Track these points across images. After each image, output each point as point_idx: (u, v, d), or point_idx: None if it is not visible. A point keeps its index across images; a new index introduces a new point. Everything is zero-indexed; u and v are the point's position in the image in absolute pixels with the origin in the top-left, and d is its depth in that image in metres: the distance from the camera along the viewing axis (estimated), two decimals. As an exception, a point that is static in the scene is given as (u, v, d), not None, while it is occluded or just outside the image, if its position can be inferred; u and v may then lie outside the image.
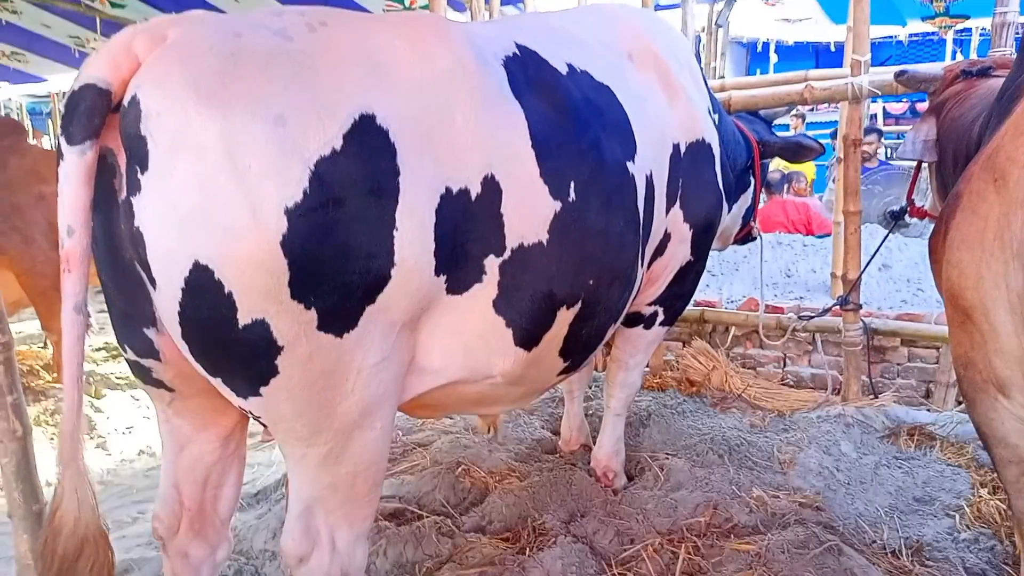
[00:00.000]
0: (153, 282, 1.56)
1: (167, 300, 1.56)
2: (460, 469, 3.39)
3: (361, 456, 1.86)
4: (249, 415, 1.82)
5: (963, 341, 2.00)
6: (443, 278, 1.84)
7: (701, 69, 3.25)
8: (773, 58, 12.21)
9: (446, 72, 1.83)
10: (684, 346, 5.22)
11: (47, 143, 13.13)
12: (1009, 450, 2.00)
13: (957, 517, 2.94)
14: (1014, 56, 2.51)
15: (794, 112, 7.68)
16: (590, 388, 4.51)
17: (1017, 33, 3.87)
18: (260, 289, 1.53)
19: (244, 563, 2.85)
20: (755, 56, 13.21)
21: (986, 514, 2.94)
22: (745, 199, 3.70)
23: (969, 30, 10.83)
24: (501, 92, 1.98)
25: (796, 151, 3.67)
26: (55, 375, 5.56)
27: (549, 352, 2.25)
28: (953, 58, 10.99)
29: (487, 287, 1.95)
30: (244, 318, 1.55)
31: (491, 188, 1.89)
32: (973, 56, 10.41)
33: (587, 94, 2.29)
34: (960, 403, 4.29)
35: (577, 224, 2.11)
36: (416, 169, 1.71)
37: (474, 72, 1.90)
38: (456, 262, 1.86)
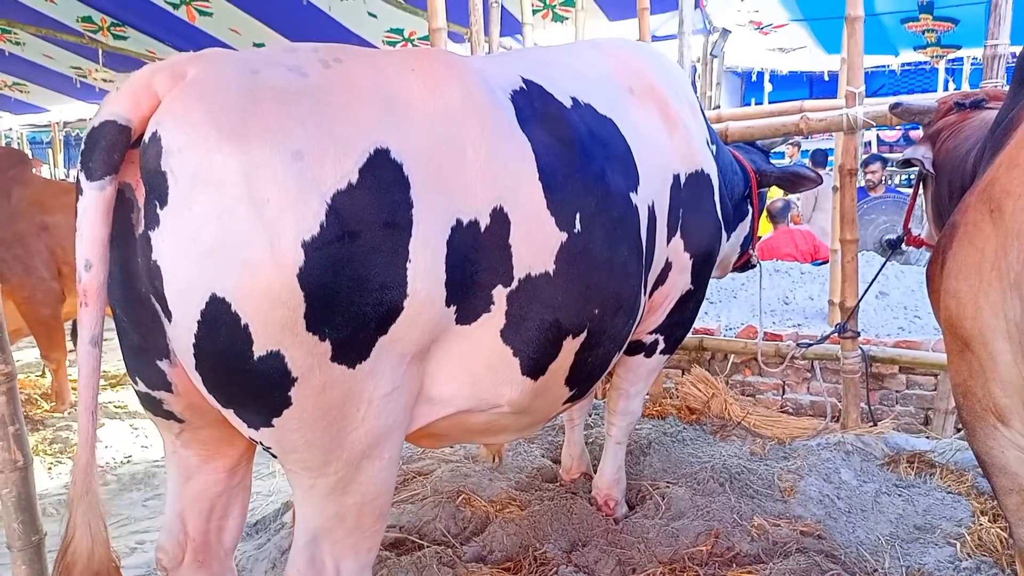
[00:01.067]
0: (169, 315, 1.58)
1: (182, 332, 1.58)
2: (461, 498, 3.38)
3: (369, 486, 1.87)
4: (259, 445, 1.82)
5: (962, 370, 2.01)
6: (453, 308, 1.86)
7: (699, 101, 3.29)
8: (768, 87, 12.33)
9: (457, 106, 1.87)
10: (683, 374, 5.23)
11: (47, 172, 13.17)
12: (1009, 478, 2.01)
13: (958, 545, 2.94)
14: (1006, 88, 2.55)
15: (790, 140, 7.75)
16: (590, 416, 4.51)
17: (1008, 64, 3.93)
18: (276, 321, 1.55)
19: (244, 594, 2.83)
20: (750, 85, 13.34)
21: (987, 542, 2.93)
22: (743, 228, 3.72)
23: (960, 59, 10.96)
24: (510, 126, 2.02)
25: (794, 181, 3.70)
26: (53, 404, 5.55)
27: (555, 381, 2.26)
28: (945, 87, 11.15)
29: (495, 317, 1.97)
30: (260, 350, 1.57)
31: (500, 219, 1.92)
32: (965, 85, 10.56)
33: (591, 126, 2.33)
34: (959, 430, 4.29)
35: (583, 254, 2.14)
36: (429, 202, 1.74)
37: (484, 106, 1.94)
38: (466, 293, 1.88)
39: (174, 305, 1.56)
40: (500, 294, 1.96)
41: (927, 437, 4.23)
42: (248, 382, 1.62)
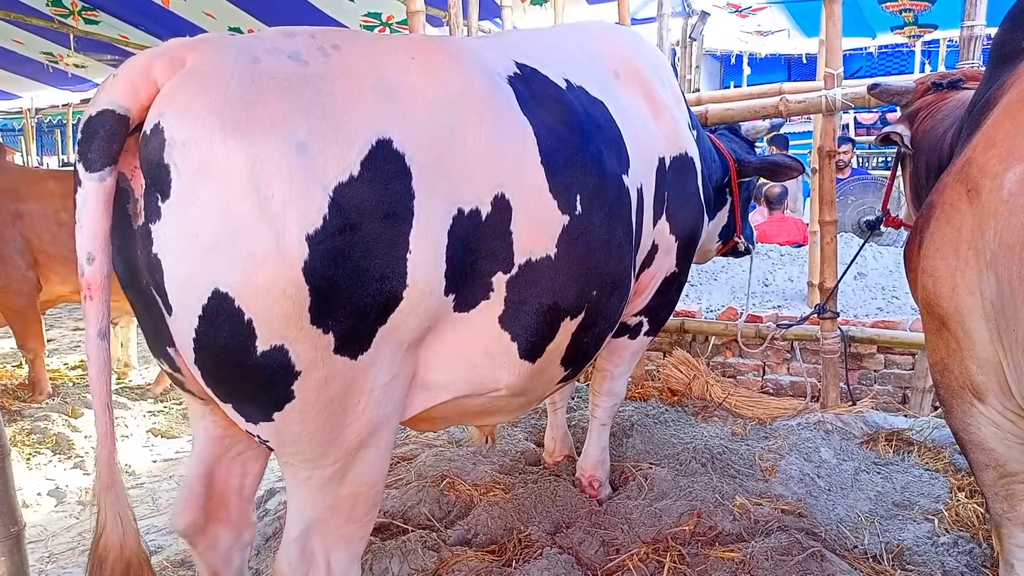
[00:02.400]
0: (169, 308, 1.56)
1: (183, 327, 1.56)
2: (445, 482, 3.39)
3: (364, 476, 1.87)
4: (256, 439, 1.80)
5: (939, 348, 2.04)
6: (451, 297, 1.84)
7: (680, 85, 3.29)
8: (746, 70, 12.36)
9: (457, 94, 1.85)
10: (665, 356, 5.26)
11: (19, 160, 12.97)
12: (986, 454, 2.04)
13: (936, 521, 2.99)
14: (983, 68, 2.57)
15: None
16: (573, 399, 4.52)
17: (984, 45, 3.96)
18: (281, 316, 1.53)
19: (228, 581, 2.82)
20: (729, 68, 13.38)
21: (964, 518, 2.98)
22: (721, 217, 3.73)
23: (937, 42, 11.04)
24: (510, 110, 2.00)
25: (775, 170, 3.68)
26: (30, 395, 5.48)
27: (552, 363, 2.27)
28: (922, 69, 11.22)
29: (494, 304, 1.96)
30: (263, 345, 1.55)
31: (501, 206, 1.91)
32: (941, 67, 10.64)
33: (587, 108, 2.32)
34: (936, 408, 4.36)
35: (583, 236, 2.14)
36: (430, 192, 1.72)
37: (484, 93, 1.92)
38: (465, 281, 1.86)
39: (175, 299, 1.53)
40: (500, 281, 1.95)
41: (905, 416, 4.29)
42: (250, 377, 1.60)
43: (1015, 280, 1.65)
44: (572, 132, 2.17)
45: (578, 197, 2.12)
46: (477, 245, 1.86)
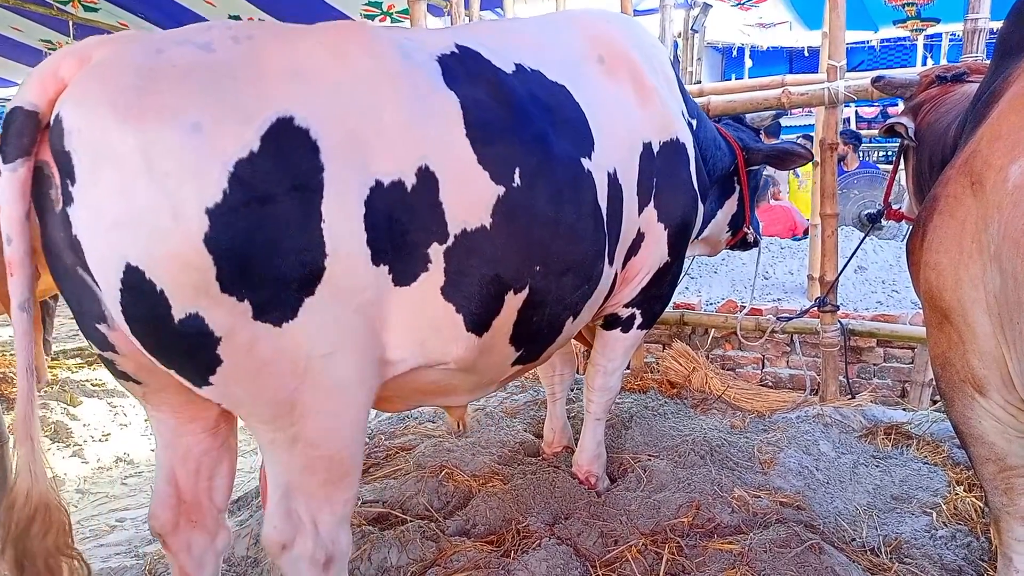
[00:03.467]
0: (98, 285, 1.67)
1: (111, 301, 1.67)
2: (443, 473, 3.39)
3: (330, 440, 1.93)
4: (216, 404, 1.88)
5: (941, 341, 2.03)
6: (385, 268, 1.91)
7: (677, 73, 3.28)
8: (748, 63, 12.33)
9: (368, 73, 1.94)
10: (664, 348, 5.26)
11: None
12: (986, 448, 2.04)
13: (934, 514, 2.99)
14: (987, 62, 2.56)
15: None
16: (573, 390, 4.53)
17: (988, 39, 3.94)
18: (189, 285, 1.63)
19: (226, 570, 2.83)
20: (730, 61, 13.35)
21: (962, 511, 2.99)
22: (731, 205, 3.71)
23: (939, 35, 11.01)
24: (431, 85, 2.07)
25: (783, 158, 3.65)
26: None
27: (500, 339, 2.30)
28: (924, 63, 11.19)
29: (434, 275, 2.03)
30: (179, 313, 1.65)
31: (427, 178, 1.98)
32: (943, 61, 10.61)
33: (534, 91, 2.36)
34: (935, 402, 4.36)
35: (523, 210, 2.19)
36: (342, 165, 1.80)
37: (398, 72, 2.00)
38: (398, 252, 1.94)
39: (98, 276, 1.64)
40: (437, 252, 2.02)
41: (904, 409, 4.29)
42: (176, 343, 1.71)
43: (1019, 273, 1.64)
44: (508, 109, 2.21)
45: (517, 171, 2.17)
46: (405, 216, 1.94)
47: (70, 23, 7.59)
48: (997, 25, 2.36)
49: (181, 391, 1.90)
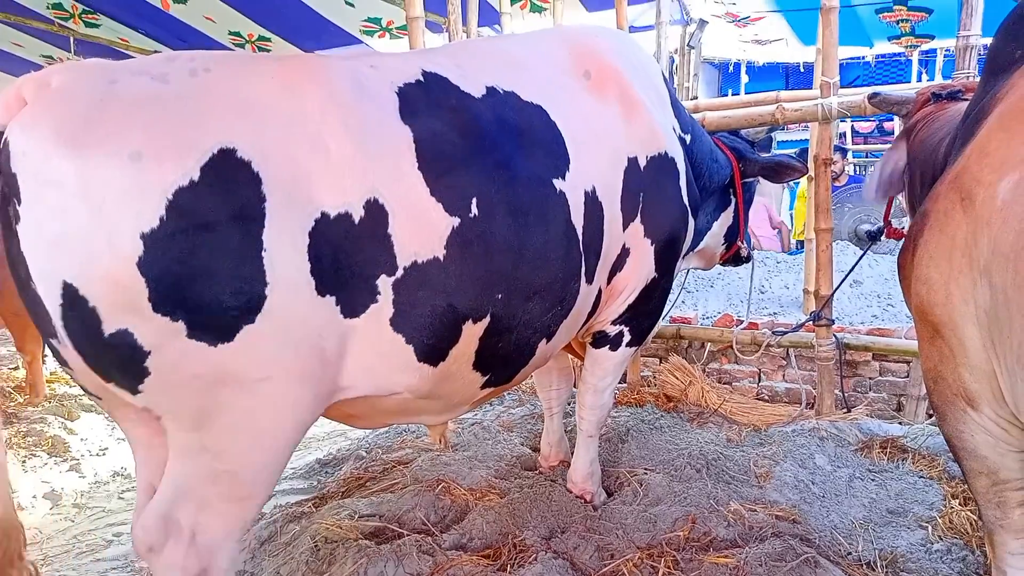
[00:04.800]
0: (42, 298, 1.72)
1: (54, 315, 1.71)
2: (440, 487, 3.39)
3: (244, 460, 1.95)
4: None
5: (933, 356, 2.05)
6: (331, 300, 1.94)
7: (670, 87, 3.29)
8: (744, 78, 12.40)
9: (316, 106, 1.97)
10: (661, 362, 5.27)
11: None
12: (979, 462, 2.05)
13: (930, 528, 3.00)
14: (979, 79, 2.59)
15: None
16: (569, 404, 4.54)
17: (980, 55, 3.98)
18: (120, 304, 1.69)
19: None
20: (727, 76, 13.40)
21: (958, 525, 2.99)
22: (726, 218, 3.71)
23: (934, 51, 11.07)
24: (383, 119, 2.09)
25: (777, 170, 3.67)
26: (27, 397, 5.48)
27: (461, 366, 2.31)
28: (919, 79, 11.27)
29: (383, 306, 2.05)
30: (109, 328, 1.71)
31: (375, 211, 2.01)
32: (938, 77, 10.68)
33: (504, 115, 2.38)
34: (931, 416, 4.37)
35: (481, 239, 2.19)
36: (285, 196, 1.84)
37: (347, 104, 2.03)
38: (344, 284, 1.96)
39: (41, 291, 1.70)
40: (385, 283, 2.04)
41: (899, 423, 4.30)
42: (107, 355, 1.76)
43: (1009, 288, 1.66)
44: (469, 137, 2.23)
45: (474, 201, 2.18)
46: (352, 248, 1.97)
47: (71, 39, 7.65)
48: (989, 41, 2.39)
49: (137, 410, 1.92)
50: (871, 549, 2.88)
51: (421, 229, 2.08)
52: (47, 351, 6.28)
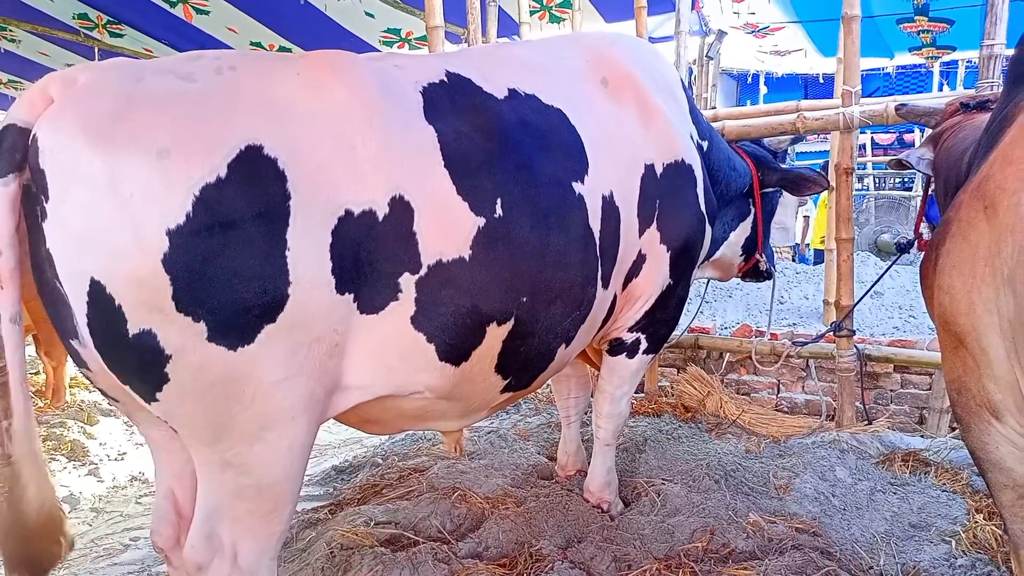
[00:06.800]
0: (68, 297, 1.72)
1: (79, 314, 1.72)
2: (456, 495, 3.38)
3: (265, 470, 1.93)
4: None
5: (956, 366, 2.02)
6: (350, 297, 1.93)
7: (688, 93, 3.28)
8: (763, 89, 12.36)
9: (341, 104, 1.97)
10: (679, 372, 5.24)
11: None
12: (1004, 474, 2.02)
13: (953, 543, 2.95)
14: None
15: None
16: (587, 414, 4.52)
17: (1004, 65, 3.95)
18: (144, 302, 1.68)
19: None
20: (745, 87, 13.37)
21: (982, 540, 2.94)
22: (744, 228, 3.67)
23: (956, 62, 11.00)
24: (409, 117, 2.09)
25: (798, 183, 3.62)
26: (47, 401, 5.54)
27: (483, 368, 2.30)
28: (940, 89, 11.19)
29: (404, 304, 2.04)
30: (134, 328, 1.70)
31: (401, 208, 2.00)
32: (960, 88, 10.60)
33: (525, 117, 2.38)
34: (953, 428, 4.31)
35: (505, 240, 2.19)
36: (309, 194, 1.84)
37: (373, 102, 2.02)
38: (365, 281, 1.96)
39: (68, 288, 1.70)
40: (408, 281, 2.03)
41: (922, 436, 4.25)
42: (129, 357, 1.75)
43: (1033, 297, 1.64)
44: (491, 138, 2.23)
45: (498, 201, 2.17)
46: (375, 245, 1.96)
47: (96, 49, 7.76)
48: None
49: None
50: (893, 563, 2.84)
51: (447, 228, 2.08)
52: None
